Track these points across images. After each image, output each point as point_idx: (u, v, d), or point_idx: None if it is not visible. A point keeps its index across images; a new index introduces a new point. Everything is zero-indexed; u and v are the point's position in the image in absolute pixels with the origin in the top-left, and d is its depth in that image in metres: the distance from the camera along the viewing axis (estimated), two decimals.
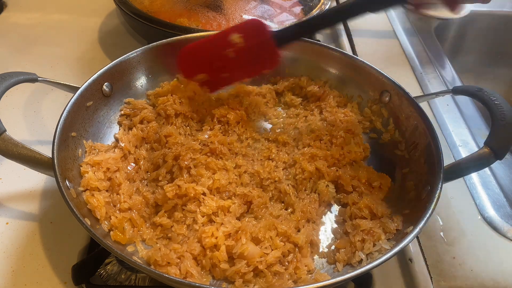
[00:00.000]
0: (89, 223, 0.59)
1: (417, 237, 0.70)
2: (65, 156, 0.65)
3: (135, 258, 0.56)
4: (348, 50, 1.12)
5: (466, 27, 1.37)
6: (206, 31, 0.93)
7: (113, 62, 0.80)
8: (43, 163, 0.62)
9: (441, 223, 0.74)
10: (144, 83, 0.87)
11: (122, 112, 0.82)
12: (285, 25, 1.03)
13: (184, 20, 1.04)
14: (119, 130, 0.80)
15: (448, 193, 0.78)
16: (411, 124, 0.77)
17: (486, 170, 0.83)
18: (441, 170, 0.64)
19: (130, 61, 0.83)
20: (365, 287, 0.65)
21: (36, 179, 0.76)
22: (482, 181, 0.81)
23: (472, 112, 0.99)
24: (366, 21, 1.28)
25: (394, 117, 0.81)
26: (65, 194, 0.57)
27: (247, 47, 0.74)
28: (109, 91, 0.79)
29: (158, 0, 1.10)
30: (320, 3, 1.11)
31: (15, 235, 0.68)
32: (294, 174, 0.74)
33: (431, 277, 0.65)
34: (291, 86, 0.92)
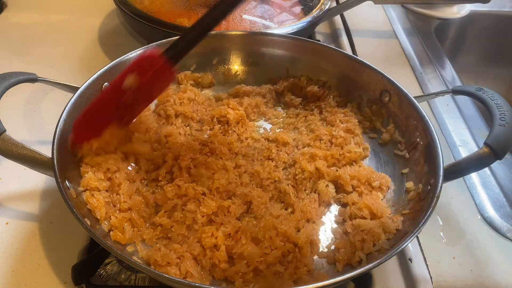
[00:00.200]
0: (89, 223, 0.59)
1: (417, 237, 0.70)
2: (65, 156, 0.65)
3: (135, 258, 0.56)
4: (348, 50, 1.12)
5: (466, 27, 1.37)
6: None
7: (113, 62, 0.80)
8: (43, 163, 0.62)
9: (441, 223, 0.74)
10: None
11: None
12: (285, 25, 1.03)
13: (184, 20, 1.03)
14: None
15: (448, 193, 0.78)
16: (411, 124, 0.77)
17: (486, 170, 0.83)
18: (441, 170, 0.64)
19: (130, 61, 0.83)
20: (365, 287, 0.65)
21: (36, 179, 0.76)
22: (482, 181, 0.81)
23: (472, 112, 0.99)
24: (366, 21, 1.29)
25: (394, 117, 0.81)
26: (65, 194, 0.57)
27: (144, 82, 0.68)
28: None
29: (158, 0, 1.10)
30: (320, 3, 1.11)
31: (15, 235, 0.68)
32: (294, 174, 0.74)
33: (431, 277, 0.65)
34: (291, 86, 0.92)
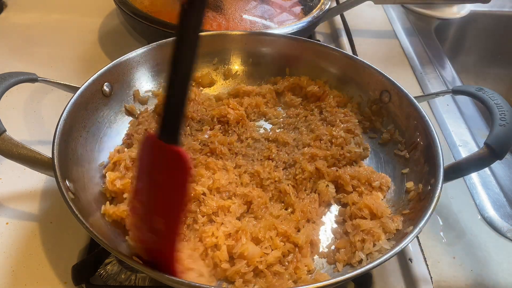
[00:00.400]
0: (89, 223, 0.59)
1: (417, 237, 0.70)
2: (65, 156, 0.65)
3: (135, 258, 0.56)
4: (348, 50, 1.12)
5: (466, 27, 1.37)
6: (206, 31, 0.93)
7: (113, 62, 0.80)
8: (43, 163, 0.62)
9: (441, 223, 0.74)
10: (144, 83, 0.87)
11: (127, 131, 0.81)
12: (285, 25, 1.03)
13: None
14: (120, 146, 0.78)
15: (448, 193, 0.78)
16: (411, 124, 0.77)
17: (486, 170, 0.83)
18: (441, 170, 0.64)
19: (130, 61, 0.83)
20: (365, 287, 0.65)
21: (36, 179, 0.76)
22: (482, 181, 0.81)
23: (472, 112, 0.99)
24: (366, 21, 1.29)
25: (394, 117, 0.81)
26: (65, 194, 0.57)
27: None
28: (109, 91, 0.79)
29: (158, 0, 1.10)
30: (320, 3, 1.11)
31: (15, 235, 0.68)
32: (294, 174, 0.74)
33: (431, 277, 0.65)
34: (291, 86, 0.92)
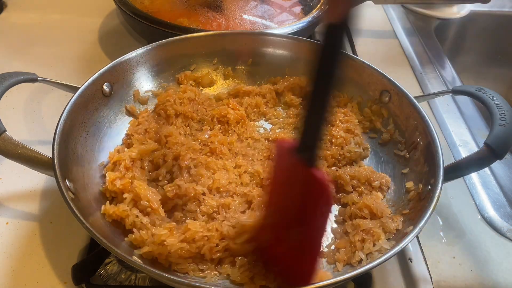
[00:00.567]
0: (89, 223, 0.59)
1: (417, 237, 0.70)
2: (65, 156, 0.65)
3: (135, 258, 0.56)
4: (348, 50, 1.12)
5: (466, 27, 1.37)
6: (206, 31, 0.93)
7: (113, 62, 0.80)
8: (43, 163, 0.62)
9: (441, 223, 0.74)
10: (144, 83, 0.87)
11: (127, 132, 0.80)
12: (285, 25, 1.03)
13: (184, 20, 1.03)
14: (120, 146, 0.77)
15: (448, 193, 0.78)
16: (411, 124, 0.77)
17: (486, 170, 0.83)
18: (441, 170, 0.64)
19: (130, 61, 0.83)
20: (365, 287, 0.65)
21: (36, 179, 0.76)
22: (482, 181, 0.81)
23: (472, 112, 0.99)
24: (366, 21, 1.29)
25: (394, 117, 0.81)
26: (65, 194, 0.57)
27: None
28: (109, 91, 0.79)
29: (158, 0, 1.10)
30: (320, 3, 1.11)
31: (15, 235, 0.68)
32: None
33: (431, 277, 0.65)
34: (291, 86, 0.92)
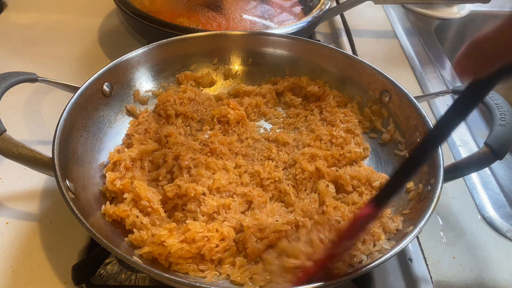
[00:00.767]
0: (89, 223, 0.59)
1: (417, 237, 0.70)
2: (65, 156, 0.65)
3: (135, 258, 0.56)
4: (348, 50, 1.12)
5: (466, 27, 1.37)
6: (206, 31, 0.93)
7: (113, 62, 0.80)
8: (43, 163, 0.62)
9: (441, 223, 0.74)
10: (144, 83, 0.87)
11: (127, 132, 0.80)
12: (285, 25, 1.03)
13: (184, 20, 1.04)
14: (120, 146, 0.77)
15: (448, 193, 0.78)
16: (411, 124, 0.77)
17: (486, 170, 0.83)
18: (441, 170, 0.64)
19: (130, 61, 0.83)
20: (365, 287, 0.65)
21: (36, 179, 0.76)
22: (482, 181, 0.81)
23: (472, 112, 0.98)
24: (366, 21, 1.29)
25: (394, 117, 0.81)
26: (65, 194, 0.57)
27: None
28: (109, 91, 0.79)
29: (158, 0, 1.10)
30: (320, 3, 1.11)
31: (15, 235, 0.68)
32: (294, 174, 0.74)
33: (431, 277, 0.65)
34: (291, 86, 0.92)
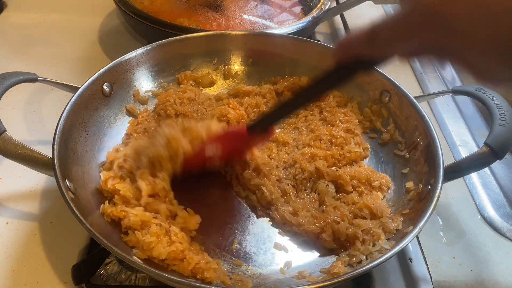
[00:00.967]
0: (89, 223, 0.59)
1: (417, 237, 0.70)
2: (65, 156, 0.65)
3: (135, 258, 0.56)
4: None
5: None
6: (206, 31, 0.93)
7: (113, 62, 0.80)
8: (43, 163, 0.62)
9: (441, 223, 0.74)
10: (144, 83, 0.87)
11: (127, 131, 0.80)
12: (285, 25, 1.03)
13: (184, 20, 1.04)
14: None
15: (448, 193, 0.78)
16: (411, 124, 0.77)
17: (486, 170, 0.83)
18: (441, 170, 0.64)
19: (130, 61, 0.83)
20: (365, 287, 0.65)
21: (36, 179, 0.76)
22: (482, 181, 0.81)
23: (472, 112, 0.98)
24: (366, 21, 1.29)
25: (394, 117, 0.81)
26: (65, 194, 0.57)
27: (228, 149, 0.69)
28: (109, 91, 0.79)
29: (158, 0, 1.10)
30: (320, 3, 1.11)
31: (15, 235, 0.68)
32: (294, 174, 0.74)
33: (431, 277, 0.65)
34: (291, 86, 0.92)
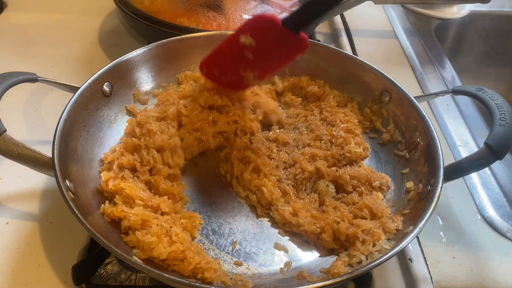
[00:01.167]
0: (89, 223, 0.59)
1: (417, 237, 0.70)
2: (65, 156, 0.65)
3: (135, 258, 0.56)
4: (348, 50, 1.12)
5: (466, 27, 1.37)
6: (206, 31, 0.93)
7: (113, 62, 0.80)
8: (43, 163, 0.62)
9: (441, 223, 0.74)
10: (144, 83, 0.87)
11: (125, 131, 0.79)
12: None
13: (184, 20, 1.04)
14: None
15: (448, 193, 0.78)
16: (411, 124, 0.77)
17: (486, 170, 0.83)
18: (441, 170, 0.64)
19: (130, 61, 0.83)
20: (365, 287, 0.65)
21: (36, 179, 0.76)
22: (482, 181, 0.81)
23: (472, 112, 0.99)
24: (366, 21, 1.29)
25: (394, 117, 0.81)
26: (65, 194, 0.57)
27: (262, 45, 0.69)
28: (109, 91, 0.79)
29: (158, 0, 1.10)
30: None
31: (15, 235, 0.68)
32: (294, 174, 0.74)
33: (431, 277, 0.65)
34: (291, 86, 0.92)
